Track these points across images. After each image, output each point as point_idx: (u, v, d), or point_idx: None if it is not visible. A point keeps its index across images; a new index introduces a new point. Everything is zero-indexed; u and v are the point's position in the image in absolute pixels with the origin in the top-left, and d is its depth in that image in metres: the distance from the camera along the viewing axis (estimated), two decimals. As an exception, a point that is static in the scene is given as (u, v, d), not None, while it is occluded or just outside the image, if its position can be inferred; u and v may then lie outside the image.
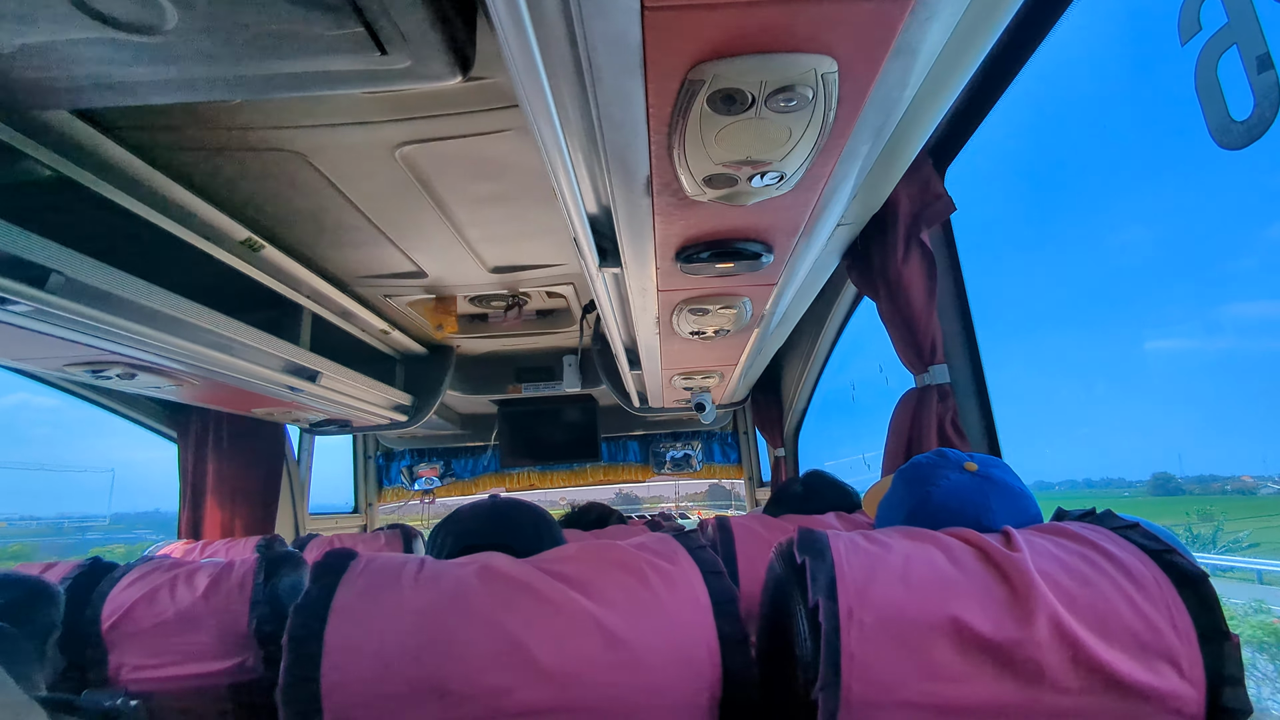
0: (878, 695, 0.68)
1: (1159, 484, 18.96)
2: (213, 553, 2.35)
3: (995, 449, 1.68)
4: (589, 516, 2.12)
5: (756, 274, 1.36)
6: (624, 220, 1.12)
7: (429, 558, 0.82)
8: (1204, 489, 17.56)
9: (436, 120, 1.40)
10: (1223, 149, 0.94)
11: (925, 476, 0.98)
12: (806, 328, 2.80)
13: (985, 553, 0.75)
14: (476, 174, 1.63)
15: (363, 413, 2.83)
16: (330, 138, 1.44)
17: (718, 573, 0.79)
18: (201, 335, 1.71)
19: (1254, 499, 13.38)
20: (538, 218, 1.89)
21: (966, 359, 1.73)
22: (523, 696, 0.69)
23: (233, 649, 1.55)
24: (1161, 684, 0.68)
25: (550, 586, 0.75)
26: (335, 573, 0.76)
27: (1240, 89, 0.92)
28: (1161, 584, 0.72)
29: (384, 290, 2.38)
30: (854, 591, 0.71)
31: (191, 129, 1.39)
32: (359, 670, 0.69)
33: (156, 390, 2.08)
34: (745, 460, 4.46)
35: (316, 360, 2.20)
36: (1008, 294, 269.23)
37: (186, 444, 2.81)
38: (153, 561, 1.68)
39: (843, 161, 0.98)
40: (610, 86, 0.77)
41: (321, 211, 1.77)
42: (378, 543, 2.47)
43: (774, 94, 0.77)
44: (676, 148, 0.88)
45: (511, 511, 1.02)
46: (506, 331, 2.91)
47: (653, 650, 0.72)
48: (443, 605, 0.73)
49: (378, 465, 4.41)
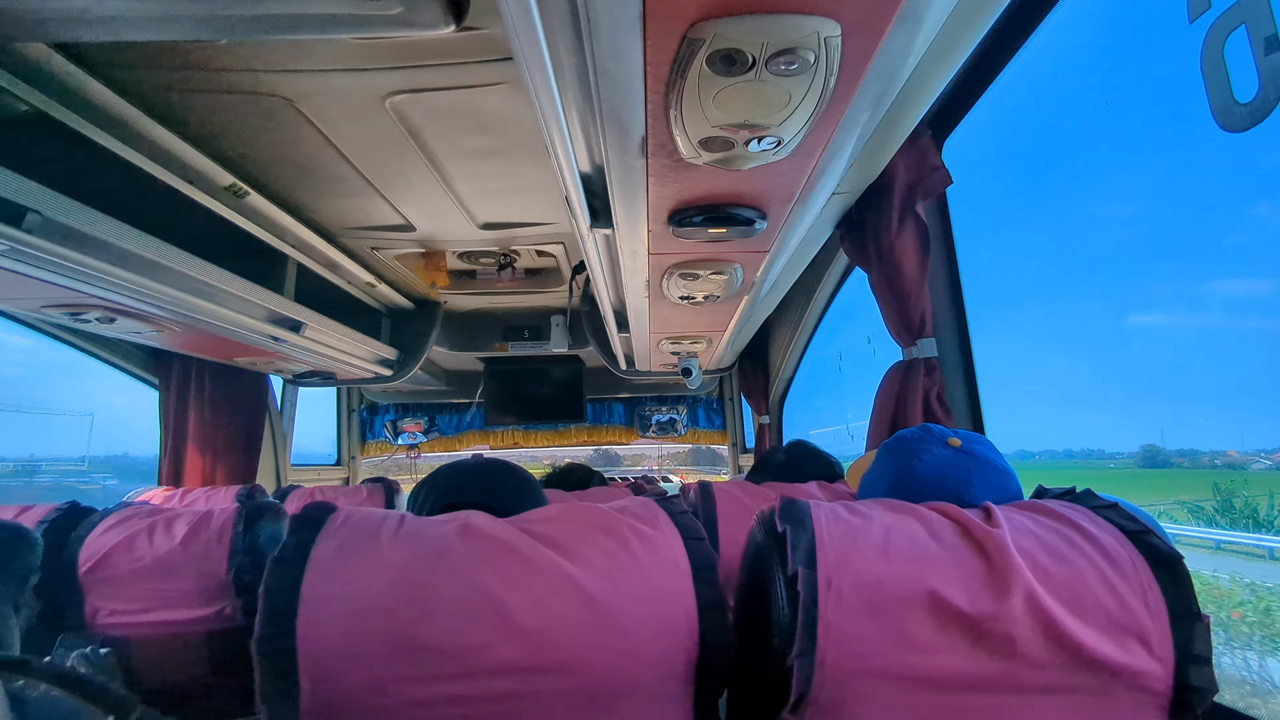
0: (852, 664, 0.69)
1: (1148, 457, 19.17)
2: (192, 500, 2.35)
3: (979, 425, 1.69)
4: (571, 478, 2.12)
5: (749, 240, 1.35)
6: (617, 180, 1.10)
7: (409, 514, 0.82)
8: (1193, 463, 17.75)
9: (428, 70, 1.36)
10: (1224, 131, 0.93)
11: (909, 450, 0.98)
12: (796, 296, 2.79)
13: (965, 528, 0.76)
14: (468, 127, 1.59)
15: (347, 365, 2.81)
16: (319, 84, 1.40)
17: (699, 539, 0.79)
18: (183, 281, 1.68)
19: (1246, 473, 13.53)
20: (530, 174, 1.86)
21: (955, 334, 1.73)
22: (499, 654, 0.69)
23: (211, 597, 1.56)
24: (1131, 661, 0.69)
25: (530, 547, 0.75)
26: (314, 526, 0.76)
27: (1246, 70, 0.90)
28: (1137, 564, 0.73)
29: (371, 242, 2.35)
30: (833, 561, 0.72)
31: (176, 69, 1.35)
32: (335, 623, 0.68)
33: (137, 335, 2.06)
34: (730, 426, 4.48)
35: (301, 311, 2.18)
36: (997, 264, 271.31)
37: (168, 391, 2.78)
38: (131, 507, 1.67)
39: (841, 129, 0.96)
40: (608, 41, 0.75)
41: (308, 159, 1.73)
42: (359, 496, 2.47)
43: (775, 56, 0.75)
44: (673, 108, 0.86)
45: (495, 471, 1.02)
46: (495, 289, 2.89)
47: (630, 613, 0.72)
48: (421, 561, 0.72)
49: (361, 419, 4.40)
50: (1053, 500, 0.84)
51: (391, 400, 4.46)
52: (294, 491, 2.44)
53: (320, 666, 0.68)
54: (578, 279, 2.78)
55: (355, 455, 4.35)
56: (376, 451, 4.43)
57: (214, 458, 2.83)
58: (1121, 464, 20.12)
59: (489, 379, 4.13)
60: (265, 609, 0.70)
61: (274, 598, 0.70)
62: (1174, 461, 18.17)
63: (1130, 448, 28.25)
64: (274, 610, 0.69)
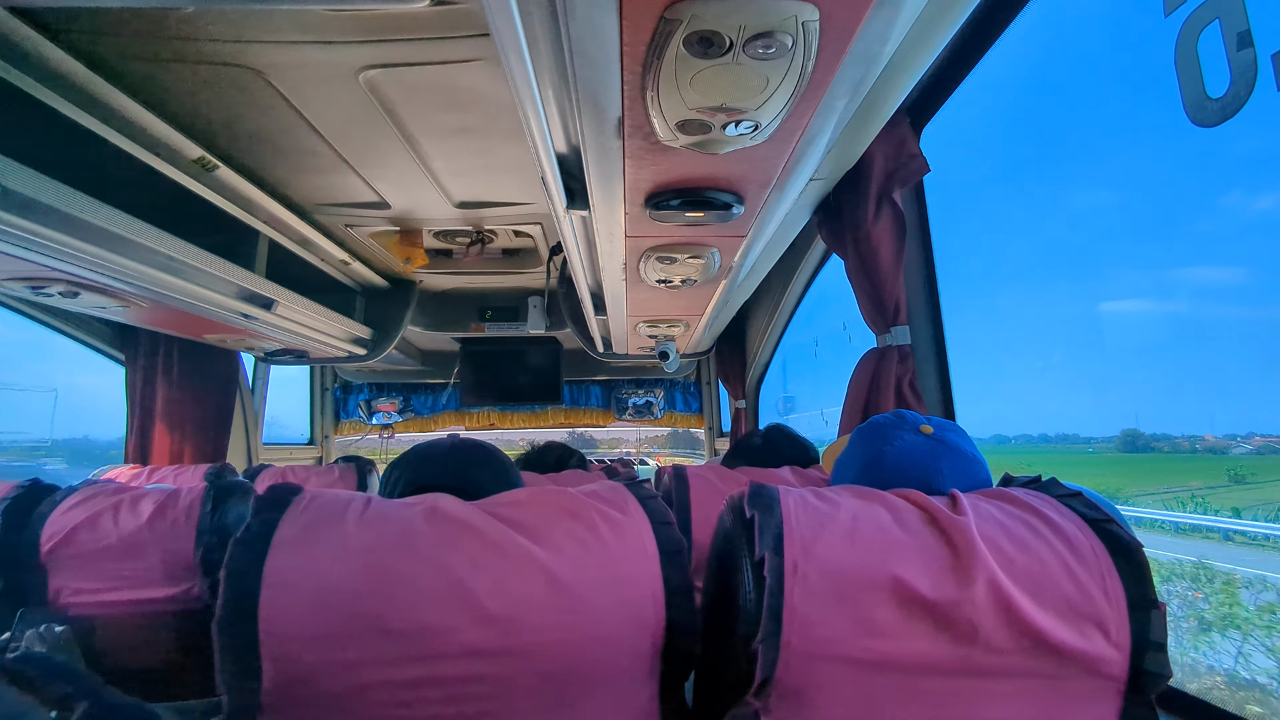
0: (817, 649, 0.70)
1: (1128, 441, 19.31)
2: (160, 479, 2.32)
3: (950, 412, 1.70)
4: (548, 458, 2.11)
5: (726, 225, 1.34)
6: (593, 162, 1.09)
7: (375, 496, 0.81)
8: (1174, 448, 17.90)
9: (403, 44, 1.33)
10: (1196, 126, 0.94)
11: (881, 436, 0.99)
12: (774, 281, 2.80)
13: (931, 515, 0.77)
14: (444, 104, 1.57)
15: (320, 344, 2.78)
16: (290, 55, 1.37)
17: (667, 523, 0.79)
18: (149, 255, 1.64)
19: (1228, 459, 13.62)
20: (507, 153, 1.83)
21: (929, 321, 1.74)
22: (465, 637, 0.69)
23: (178, 577, 1.54)
24: (1089, 647, 0.71)
25: (498, 530, 0.74)
26: (278, 507, 0.75)
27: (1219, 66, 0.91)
28: (1098, 552, 0.74)
29: (345, 220, 2.32)
30: (800, 547, 0.72)
31: (142, 37, 1.31)
32: (298, 606, 0.68)
33: (102, 311, 2.02)
34: (707, 410, 4.50)
35: (272, 288, 2.14)
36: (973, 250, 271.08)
37: (135, 367, 2.73)
38: (96, 485, 1.65)
39: (819, 114, 0.96)
40: (583, 20, 0.73)
41: (280, 134, 1.69)
42: (332, 475, 2.45)
43: (752, 39, 0.75)
44: (650, 89, 0.85)
45: (470, 454, 1.01)
46: (471, 269, 2.87)
47: (597, 597, 0.72)
48: (386, 544, 0.72)
49: (335, 398, 4.36)
50: (1019, 488, 0.85)
51: (366, 380, 4.43)
52: (265, 471, 2.42)
53: (282, 649, 0.67)
54: (555, 260, 2.76)
55: (329, 435, 4.32)
56: (351, 431, 4.40)
57: (182, 436, 2.79)
58: (1100, 449, 20.23)
59: (465, 360, 4.10)
60: (227, 591, 0.69)
61: (236, 580, 0.69)
62: (1154, 446, 18.27)
63: (1104, 432, 28.40)
64: (236, 593, 0.68)
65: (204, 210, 1.87)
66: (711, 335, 3.12)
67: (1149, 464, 15.54)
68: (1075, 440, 23.10)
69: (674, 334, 2.62)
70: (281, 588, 0.69)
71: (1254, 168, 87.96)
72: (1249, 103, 0.88)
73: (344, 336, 2.85)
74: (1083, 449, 21.39)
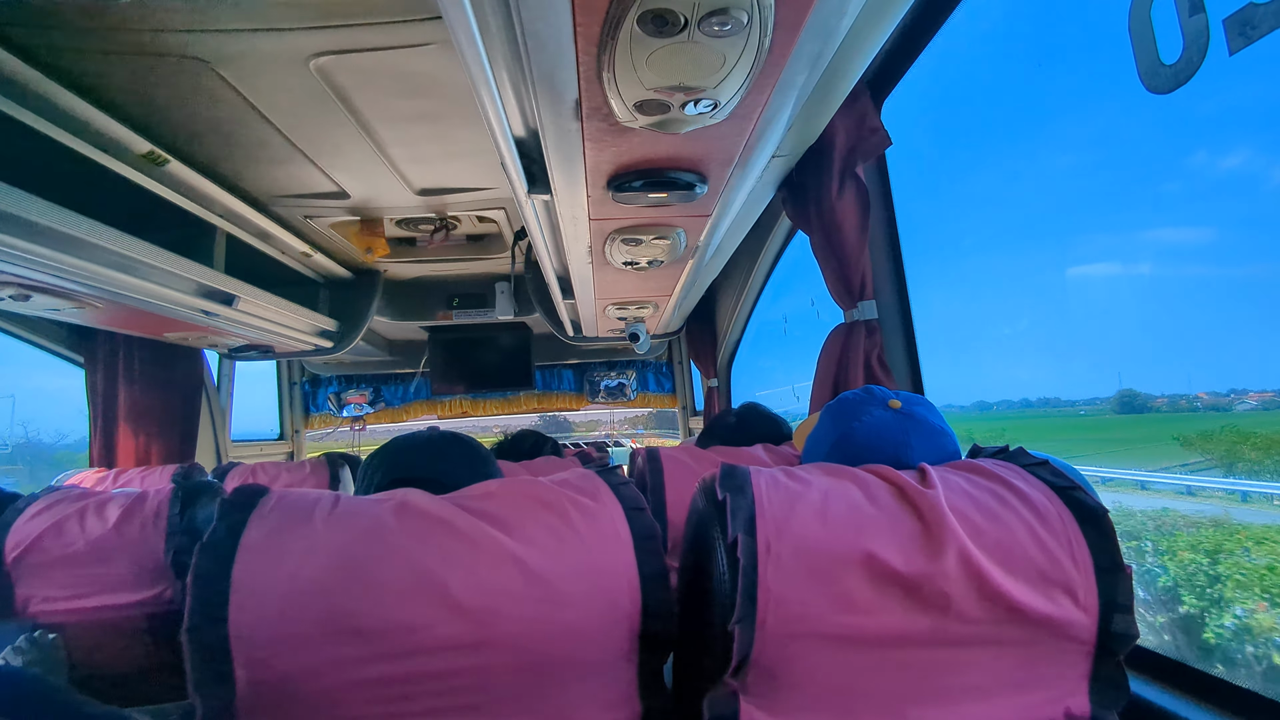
0: (792, 627, 0.70)
1: (1125, 402, 19.17)
2: (126, 482, 2.27)
3: (919, 385, 1.72)
4: (523, 445, 2.10)
5: (691, 204, 1.34)
6: (553, 145, 1.08)
7: (344, 494, 0.80)
8: (1173, 407, 17.72)
9: (354, 30, 1.30)
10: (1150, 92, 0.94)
11: (850, 412, 0.99)
12: (742, 260, 2.80)
13: (901, 489, 0.77)
14: (399, 89, 1.53)
15: (285, 338, 2.73)
16: (237, 44, 1.33)
17: (639, 509, 0.79)
18: (102, 255, 1.60)
19: (1234, 415, 13.19)
20: (467, 138, 1.80)
21: (895, 295, 1.75)
22: (439, 632, 0.69)
23: (149, 580, 1.51)
24: (1058, 612, 0.72)
25: (469, 523, 0.74)
26: (244, 509, 0.73)
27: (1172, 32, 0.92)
28: (1064, 518, 0.75)
29: (304, 211, 2.27)
30: (773, 527, 0.72)
31: (83, 31, 1.26)
32: (268, 609, 0.67)
33: (56, 313, 1.96)
34: (680, 390, 4.50)
35: (232, 283, 2.10)
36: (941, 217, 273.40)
37: (95, 370, 2.67)
38: (60, 491, 1.61)
39: (778, 91, 0.95)
40: (535, 2, 0.72)
41: (232, 125, 1.65)
42: (303, 471, 2.41)
43: (707, 16, 0.74)
44: (606, 70, 0.84)
45: (447, 446, 1.00)
46: (436, 256, 2.83)
47: (572, 586, 0.72)
48: (357, 542, 0.71)
49: (304, 391, 4.30)
50: (986, 459, 0.87)
51: (334, 372, 4.37)
52: (234, 469, 2.38)
53: (255, 653, 0.66)
54: (520, 245, 2.74)
55: (299, 429, 4.26)
56: (321, 424, 4.34)
57: (148, 437, 2.73)
58: (1096, 410, 20.02)
59: (433, 348, 4.06)
60: (195, 596, 0.67)
61: (203, 585, 0.67)
62: (1152, 406, 18.06)
63: (1083, 395, 28.33)
64: (204, 598, 0.67)
65: (157, 206, 1.82)
66: (681, 315, 3.11)
67: (1157, 425, 14.94)
68: (1058, 404, 23.16)
69: (643, 315, 2.61)
70: (251, 591, 0.67)
71: (1219, 128, 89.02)
72: (1201, 69, 0.89)
73: (309, 330, 2.81)
74: (1071, 412, 21.34)
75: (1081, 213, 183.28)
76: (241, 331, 2.47)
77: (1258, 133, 61.88)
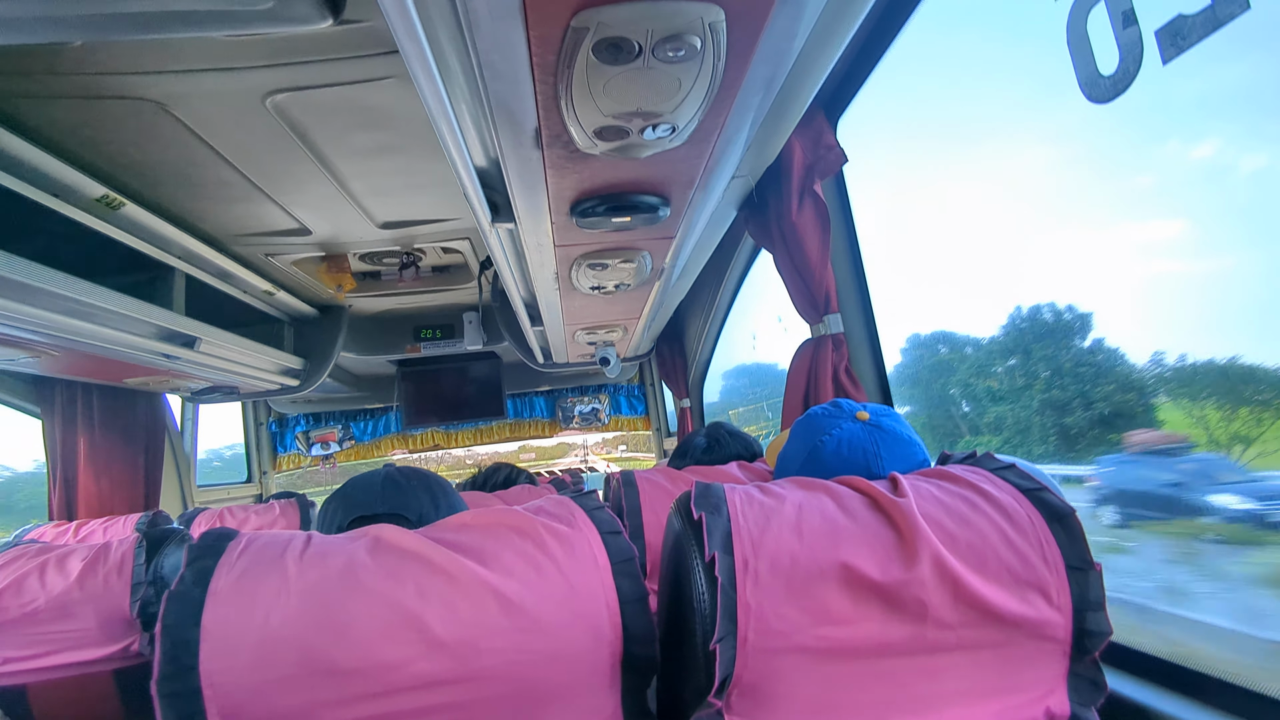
0: (773, 642, 0.70)
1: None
2: (89, 533, 2.21)
3: (887, 395, 1.74)
4: (497, 477, 2.08)
5: (654, 227, 1.35)
6: (514, 174, 1.08)
7: (315, 533, 0.78)
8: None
9: (309, 66, 1.30)
10: (1091, 102, 0.98)
11: (819, 426, 1.00)
12: (708, 279, 2.82)
13: (874, 499, 0.78)
14: (357, 124, 1.53)
15: (250, 378, 2.69)
16: (191, 85, 1.32)
17: (615, 532, 0.79)
18: (54, 302, 1.56)
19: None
20: (428, 170, 1.80)
21: (859, 308, 1.78)
22: (419, 668, 0.68)
23: (115, 634, 1.46)
24: (1033, 613, 0.73)
25: (444, 556, 0.73)
26: (212, 555, 0.72)
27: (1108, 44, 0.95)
28: (1034, 520, 0.77)
29: (265, 249, 2.24)
30: (749, 543, 0.73)
31: (27, 73, 1.25)
32: (241, 656, 0.65)
33: (10, 363, 1.91)
34: (653, 411, 4.50)
35: (193, 325, 2.06)
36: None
37: (52, 419, 2.60)
38: (18, 547, 1.56)
39: (735, 113, 0.97)
40: (489, 33, 0.73)
41: (188, 165, 1.63)
42: (272, 513, 2.36)
43: (661, 43, 0.75)
44: (564, 98, 0.85)
45: (405, 480, 0.99)
46: (402, 289, 2.81)
47: (552, 614, 0.71)
48: (330, 581, 0.70)
49: (271, 432, 4.22)
50: (955, 465, 0.88)
51: (302, 410, 4.30)
52: (201, 514, 2.32)
53: (230, 701, 0.65)
54: (486, 274, 2.73)
55: (267, 470, 4.18)
56: (290, 465, 4.27)
57: (111, 486, 2.66)
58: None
59: (403, 381, 4.02)
60: (164, 648, 0.65)
61: (172, 635, 0.66)
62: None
63: None
64: (173, 648, 0.65)
65: (114, 250, 1.79)
66: (650, 337, 3.12)
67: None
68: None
69: (613, 339, 2.61)
70: (223, 638, 0.66)
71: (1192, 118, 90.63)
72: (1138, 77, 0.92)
73: (274, 369, 2.76)
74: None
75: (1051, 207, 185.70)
76: (204, 374, 2.42)
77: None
